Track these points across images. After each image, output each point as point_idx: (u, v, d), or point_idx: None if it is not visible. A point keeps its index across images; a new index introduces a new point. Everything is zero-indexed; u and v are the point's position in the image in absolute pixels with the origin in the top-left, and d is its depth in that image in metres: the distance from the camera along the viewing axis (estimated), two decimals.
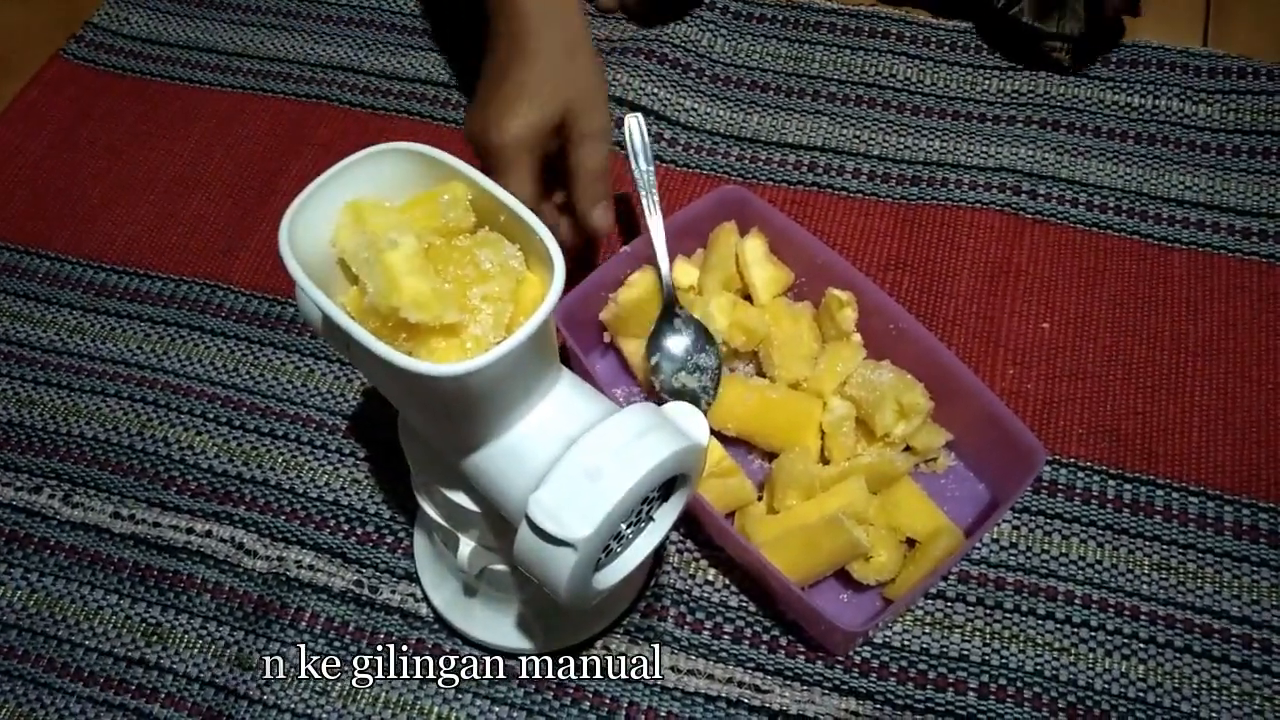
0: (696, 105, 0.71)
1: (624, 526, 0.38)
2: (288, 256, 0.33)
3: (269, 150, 0.71)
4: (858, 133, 0.69)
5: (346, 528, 0.56)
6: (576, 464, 0.35)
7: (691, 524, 0.55)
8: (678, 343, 0.56)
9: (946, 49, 0.72)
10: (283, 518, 0.57)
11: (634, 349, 0.58)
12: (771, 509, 0.53)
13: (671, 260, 0.58)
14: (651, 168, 0.57)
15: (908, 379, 0.54)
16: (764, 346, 0.57)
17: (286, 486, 0.58)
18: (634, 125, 0.57)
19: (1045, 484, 0.55)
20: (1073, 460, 0.55)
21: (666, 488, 0.39)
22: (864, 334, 0.56)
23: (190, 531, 0.56)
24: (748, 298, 0.59)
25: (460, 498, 0.42)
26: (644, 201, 0.56)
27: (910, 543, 0.52)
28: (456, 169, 0.35)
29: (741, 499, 0.53)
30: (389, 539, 0.56)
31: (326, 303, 0.32)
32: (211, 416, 0.60)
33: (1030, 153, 0.67)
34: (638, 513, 0.38)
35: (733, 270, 0.59)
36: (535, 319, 0.32)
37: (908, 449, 0.54)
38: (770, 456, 0.56)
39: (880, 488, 0.53)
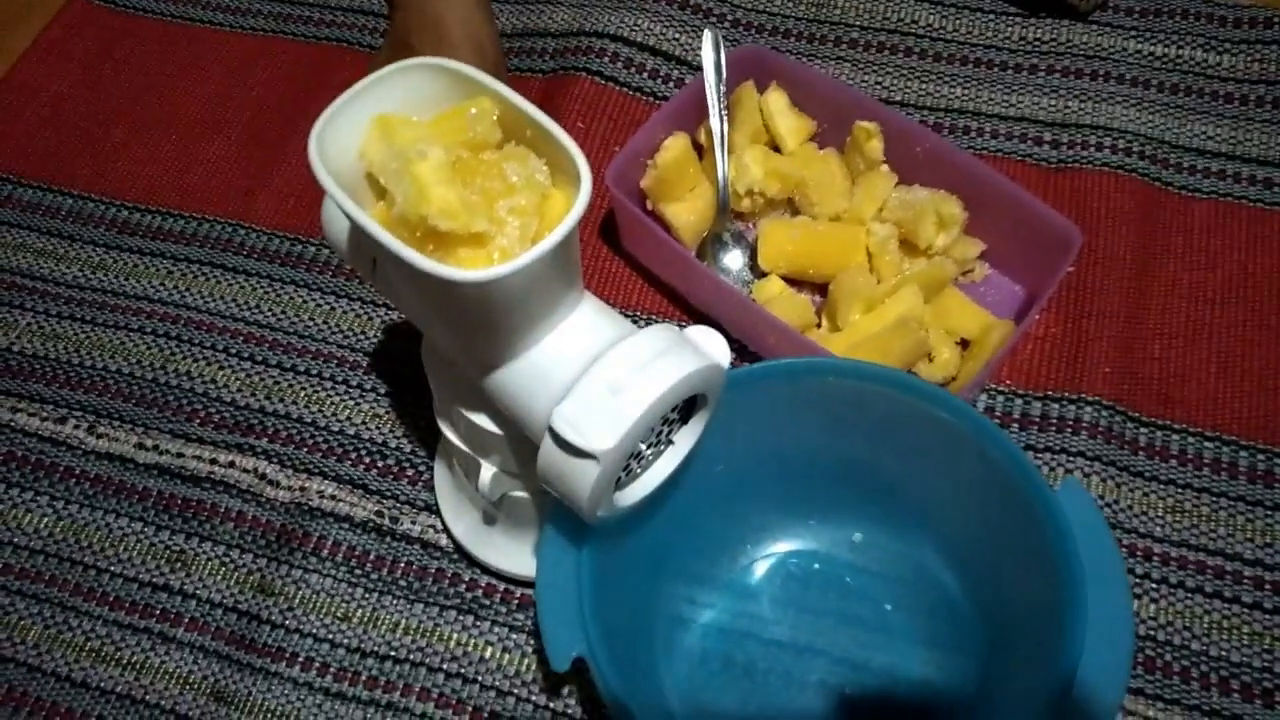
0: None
1: (644, 446, 0.39)
2: (317, 165, 0.33)
3: (289, 93, 0.72)
4: (879, 79, 0.69)
5: (367, 460, 0.57)
6: (599, 379, 0.35)
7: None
8: (734, 258, 0.61)
9: None
10: (305, 450, 0.57)
11: (675, 211, 0.61)
12: (834, 327, 0.57)
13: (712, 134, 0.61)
14: (723, 86, 0.60)
15: (941, 192, 0.58)
16: (798, 190, 0.61)
17: (308, 420, 0.58)
18: (708, 38, 0.60)
19: (1069, 421, 0.55)
20: (1097, 399, 0.55)
21: (686, 410, 0.40)
22: (891, 163, 0.60)
23: (214, 462, 0.57)
24: (776, 150, 0.63)
25: (483, 420, 0.42)
26: (712, 112, 0.60)
27: (963, 345, 0.57)
28: (485, 84, 0.35)
29: (805, 319, 0.57)
30: (409, 472, 0.56)
31: (356, 210, 0.33)
32: (234, 352, 0.61)
33: (1052, 101, 0.66)
34: (658, 433, 0.39)
35: (759, 125, 0.62)
36: (562, 228, 0.32)
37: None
38: (819, 290, 0.60)
39: (930, 296, 0.57)
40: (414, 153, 0.33)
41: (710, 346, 0.39)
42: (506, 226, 0.34)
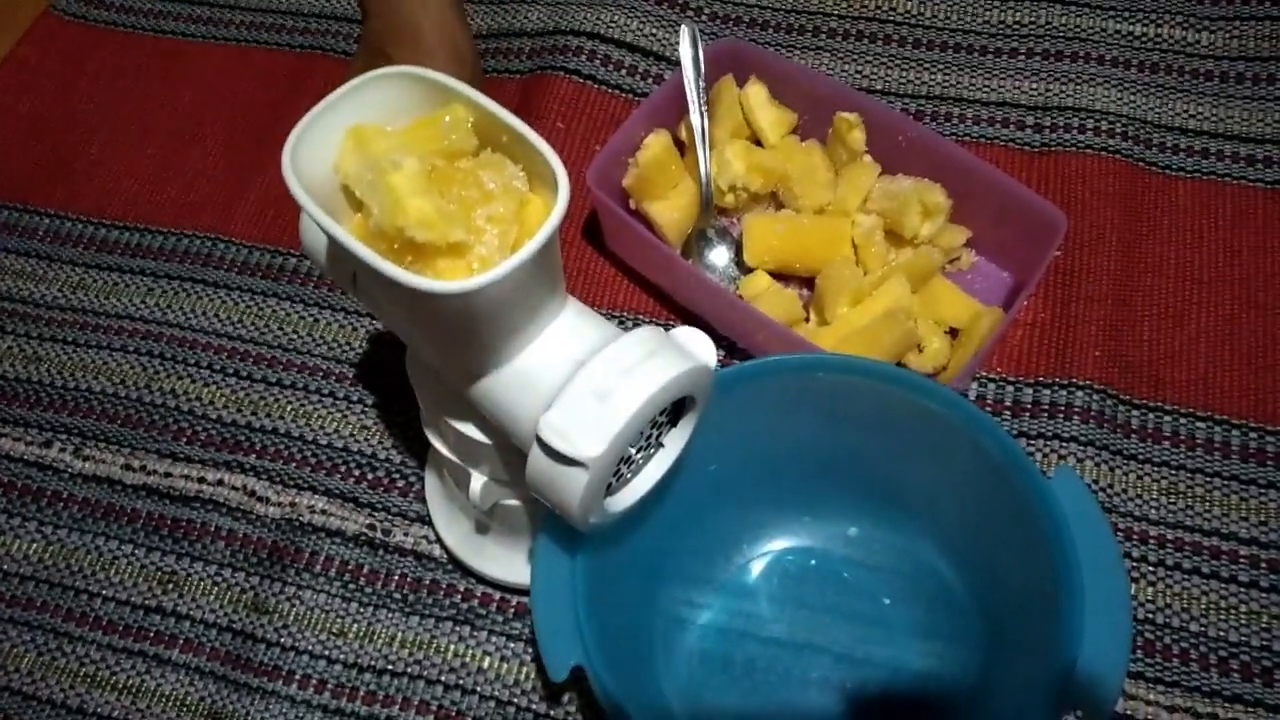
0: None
1: (633, 450, 0.38)
2: (291, 181, 0.33)
3: (265, 102, 0.71)
4: (859, 68, 0.68)
5: (357, 473, 0.56)
6: (585, 385, 0.35)
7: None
8: (719, 255, 0.60)
9: None
10: (293, 465, 0.57)
11: (659, 209, 0.60)
12: (822, 321, 0.56)
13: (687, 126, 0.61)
14: (702, 81, 0.59)
15: (925, 181, 0.57)
16: (782, 184, 0.60)
17: (296, 434, 0.58)
18: (685, 33, 0.59)
19: (1061, 407, 0.55)
20: (1088, 383, 0.55)
21: (675, 413, 0.39)
22: (874, 154, 0.60)
23: (202, 481, 0.57)
24: (758, 144, 0.62)
25: (470, 430, 0.42)
26: (692, 109, 0.59)
27: (953, 334, 0.57)
28: (458, 91, 0.35)
29: (793, 313, 0.56)
30: (400, 483, 0.56)
31: (332, 225, 0.32)
32: (218, 368, 0.60)
33: (1033, 84, 0.66)
34: (647, 436, 0.38)
35: (739, 119, 0.62)
36: (541, 235, 0.32)
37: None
38: (806, 285, 0.60)
39: (918, 286, 0.57)
40: (388, 163, 0.33)
41: (696, 347, 0.39)
42: (485, 235, 0.33)
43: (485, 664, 0.51)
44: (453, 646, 0.51)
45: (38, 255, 0.66)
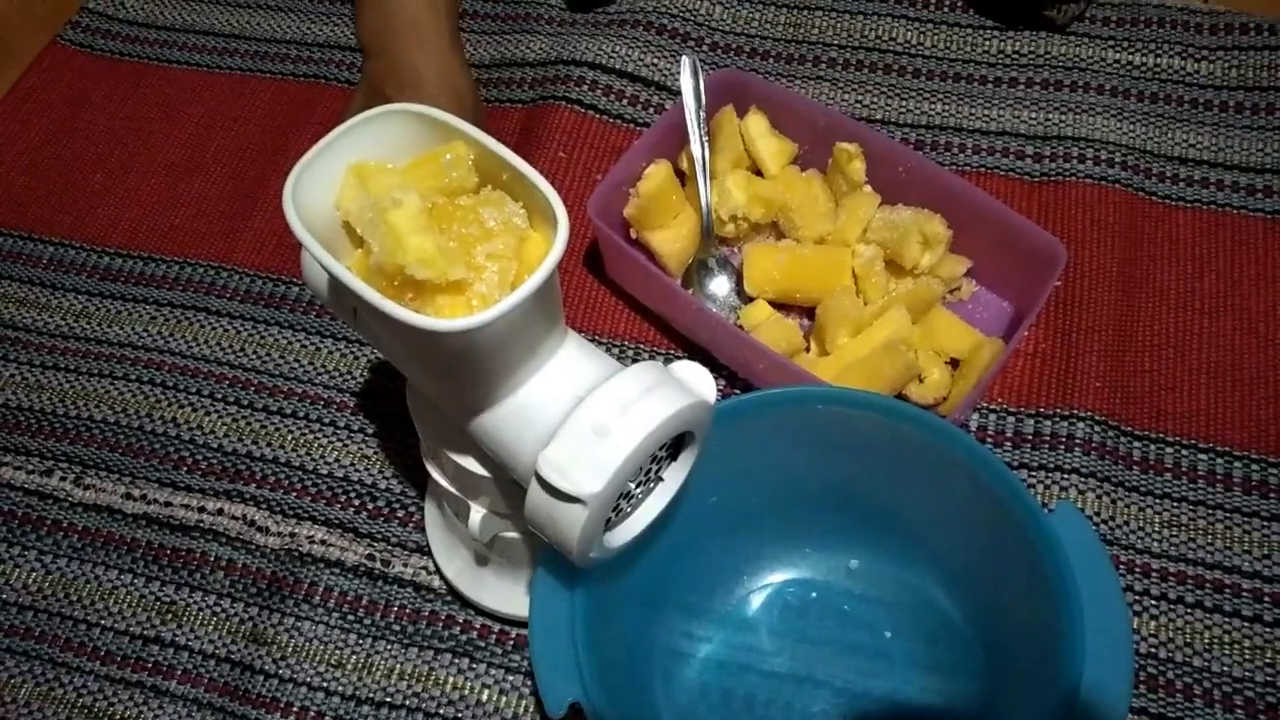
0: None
1: (633, 485, 0.38)
2: (293, 218, 0.33)
3: (269, 131, 0.71)
4: (859, 97, 0.69)
5: (357, 503, 0.56)
6: (585, 421, 0.35)
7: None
8: (720, 284, 0.60)
9: (946, 10, 0.72)
10: (294, 495, 0.57)
11: (660, 239, 0.60)
12: (823, 351, 0.56)
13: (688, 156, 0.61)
14: (703, 111, 0.60)
15: (925, 211, 0.57)
16: (782, 214, 0.60)
17: (296, 464, 0.58)
18: (686, 64, 0.60)
19: (1062, 438, 0.55)
20: (1089, 414, 0.55)
21: (675, 447, 0.39)
22: (874, 184, 0.60)
23: (202, 510, 0.57)
24: (759, 174, 0.62)
25: (470, 463, 0.42)
26: (693, 139, 0.60)
27: (953, 364, 0.57)
28: (459, 129, 0.35)
29: (793, 344, 0.56)
30: (400, 513, 0.56)
31: (332, 263, 0.32)
32: (220, 396, 0.61)
33: (1033, 114, 0.66)
34: (647, 471, 0.38)
35: (740, 149, 0.62)
36: (540, 273, 0.32)
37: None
38: (807, 314, 0.60)
39: (918, 317, 0.57)
40: (388, 201, 0.33)
41: (696, 382, 0.39)
42: (485, 272, 0.34)
43: (484, 697, 0.51)
44: (452, 679, 0.51)
45: (41, 283, 0.66)
